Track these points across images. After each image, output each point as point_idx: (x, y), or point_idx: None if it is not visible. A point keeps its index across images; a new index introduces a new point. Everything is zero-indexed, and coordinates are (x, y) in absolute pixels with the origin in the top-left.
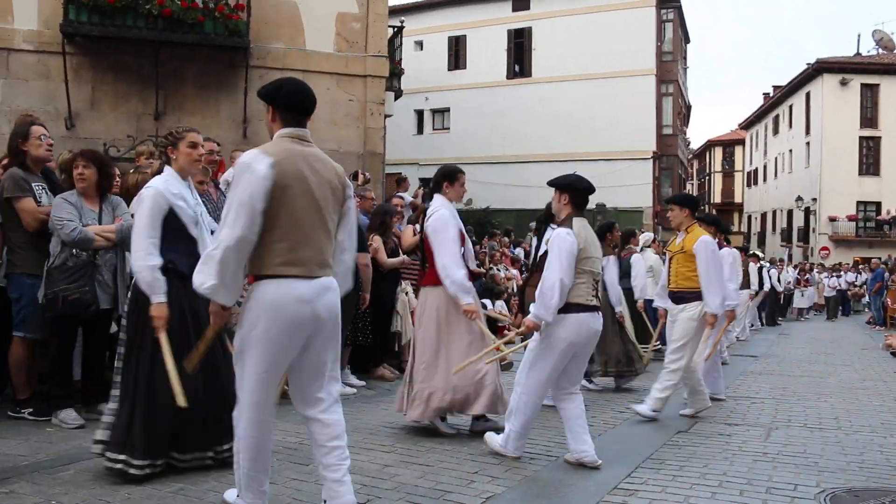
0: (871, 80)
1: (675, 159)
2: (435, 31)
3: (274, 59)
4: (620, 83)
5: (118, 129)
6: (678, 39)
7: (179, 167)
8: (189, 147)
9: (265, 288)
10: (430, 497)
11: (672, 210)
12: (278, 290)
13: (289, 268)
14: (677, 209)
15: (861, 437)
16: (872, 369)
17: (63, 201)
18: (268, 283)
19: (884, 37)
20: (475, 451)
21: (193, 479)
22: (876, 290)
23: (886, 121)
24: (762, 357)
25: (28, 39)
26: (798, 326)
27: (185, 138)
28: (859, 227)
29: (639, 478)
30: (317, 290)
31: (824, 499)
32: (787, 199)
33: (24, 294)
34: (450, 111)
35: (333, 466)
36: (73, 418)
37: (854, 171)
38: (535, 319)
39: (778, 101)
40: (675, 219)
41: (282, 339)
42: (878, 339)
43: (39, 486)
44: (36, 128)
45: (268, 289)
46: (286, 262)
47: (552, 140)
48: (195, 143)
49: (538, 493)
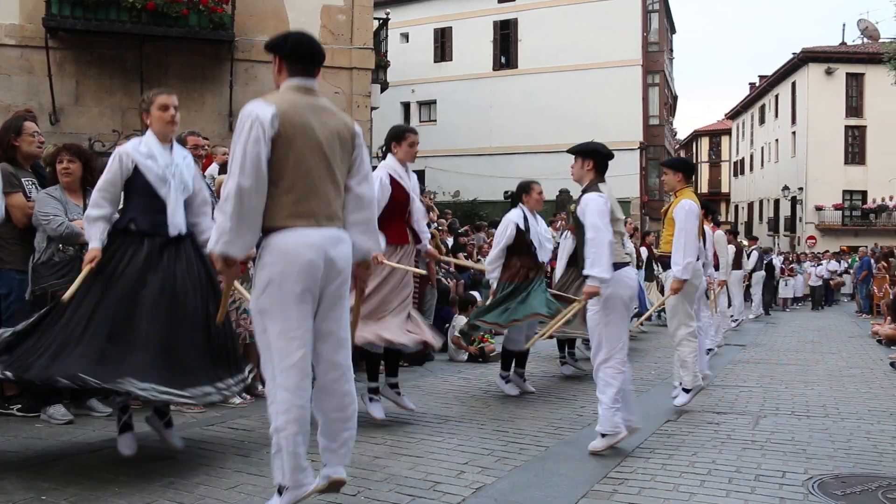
0: (856, 70)
1: (661, 150)
2: (420, 22)
3: (259, 52)
4: (607, 74)
5: (103, 124)
6: (664, 30)
7: (155, 131)
8: (159, 110)
9: (274, 239)
10: (421, 488)
11: (666, 174)
12: (288, 239)
13: (296, 219)
14: (670, 173)
15: (848, 424)
16: (859, 357)
17: (47, 196)
18: (277, 235)
19: (868, 26)
20: (465, 442)
21: (183, 473)
22: (862, 278)
23: (872, 110)
24: (750, 346)
25: (10, 34)
26: (785, 316)
27: (155, 101)
28: (845, 215)
29: (628, 467)
30: (327, 238)
31: (812, 485)
32: (774, 189)
33: (13, 290)
34: (436, 103)
35: (331, 435)
36: (61, 414)
37: (840, 160)
38: (595, 283)
39: (764, 90)
40: (668, 183)
41: (299, 288)
42: (865, 328)
43: (29, 482)
44: (28, 123)
45: (277, 239)
46: (293, 214)
47: (539, 131)
48: (165, 105)
49: (528, 484)
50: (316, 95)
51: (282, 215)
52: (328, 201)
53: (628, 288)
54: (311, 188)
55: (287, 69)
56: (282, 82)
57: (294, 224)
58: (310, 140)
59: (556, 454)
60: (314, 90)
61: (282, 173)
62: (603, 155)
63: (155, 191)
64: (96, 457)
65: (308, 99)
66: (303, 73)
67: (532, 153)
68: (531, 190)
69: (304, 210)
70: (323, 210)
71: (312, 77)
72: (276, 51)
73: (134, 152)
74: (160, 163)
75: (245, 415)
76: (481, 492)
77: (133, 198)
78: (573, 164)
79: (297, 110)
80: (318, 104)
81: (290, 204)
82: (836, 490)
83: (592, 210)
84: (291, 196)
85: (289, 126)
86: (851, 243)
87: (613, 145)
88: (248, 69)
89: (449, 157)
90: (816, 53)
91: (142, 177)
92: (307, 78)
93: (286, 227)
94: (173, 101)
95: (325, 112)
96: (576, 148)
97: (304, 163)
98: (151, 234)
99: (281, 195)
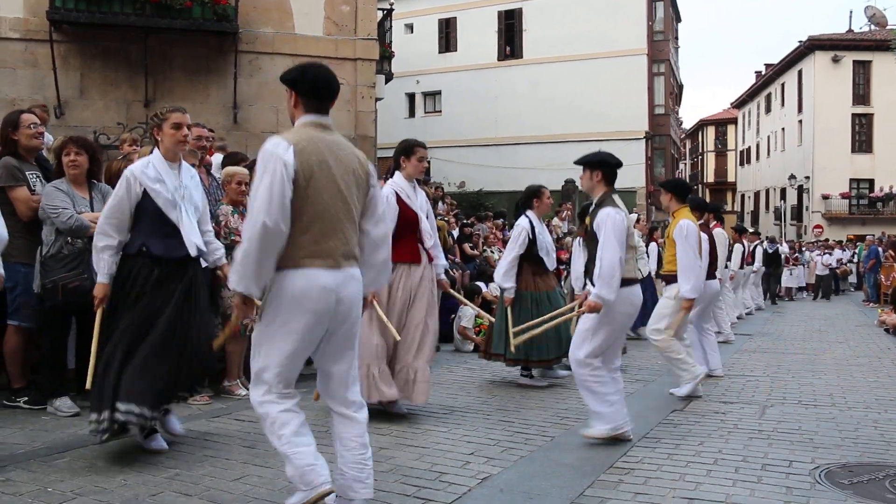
0: (863, 57)
1: (667, 139)
2: (425, 13)
3: (263, 44)
4: (612, 63)
5: (108, 117)
6: (669, 19)
7: (165, 149)
8: (172, 128)
9: (288, 279)
10: (426, 479)
11: (662, 195)
12: (301, 281)
13: (314, 259)
14: (664, 194)
15: (855, 413)
16: (866, 346)
17: (55, 189)
18: (291, 274)
19: (876, 13)
20: (471, 432)
21: (189, 465)
22: (870, 267)
23: (879, 97)
24: (757, 335)
25: (14, 27)
26: (792, 305)
27: (169, 119)
28: (852, 204)
29: (634, 456)
30: (341, 279)
31: (819, 475)
32: (780, 178)
33: (19, 283)
34: (441, 94)
35: (359, 465)
36: (68, 406)
37: (847, 149)
38: (598, 300)
39: (770, 79)
40: (662, 202)
41: (303, 330)
42: (872, 316)
43: (35, 474)
44: (26, 116)
45: (290, 279)
46: (311, 254)
47: (544, 122)
48: (179, 124)
49: (534, 474)
50: (332, 132)
51: (299, 255)
52: (346, 240)
53: (631, 306)
54: (329, 227)
55: (303, 105)
56: (297, 116)
57: (311, 265)
58: (328, 178)
59: (561, 444)
60: (330, 127)
61: (300, 212)
62: (611, 165)
63: (165, 215)
64: (102, 449)
65: (325, 136)
66: (318, 110)
67: (537, 143)
68: (542, 195)
69: (321, 250)
70: (340, 249)
71: (327, 113)
72: (293, 86)
73: (142, 176)
74: (169, 186)
75: (251, 406)
76: (487, 482)
77: (143, 221)
78: (582, 175)
79: (316, 147)
80: (335, 141)
81: (308, 243)
82: (843, 479)
83: (609, 229)
84: (309, 236)
85: (307, 164)
86: (858, 232)
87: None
88: (253, 61)
89: (454, 148)
90: (823, 41)
91: (151, 201)
92: (322, 115)
93: (300, 267)
94: (187, 119)
95: (341, 149)
96: (583, 159)
97: (324, 202)
98: (164, 257)
99: (299, 234)
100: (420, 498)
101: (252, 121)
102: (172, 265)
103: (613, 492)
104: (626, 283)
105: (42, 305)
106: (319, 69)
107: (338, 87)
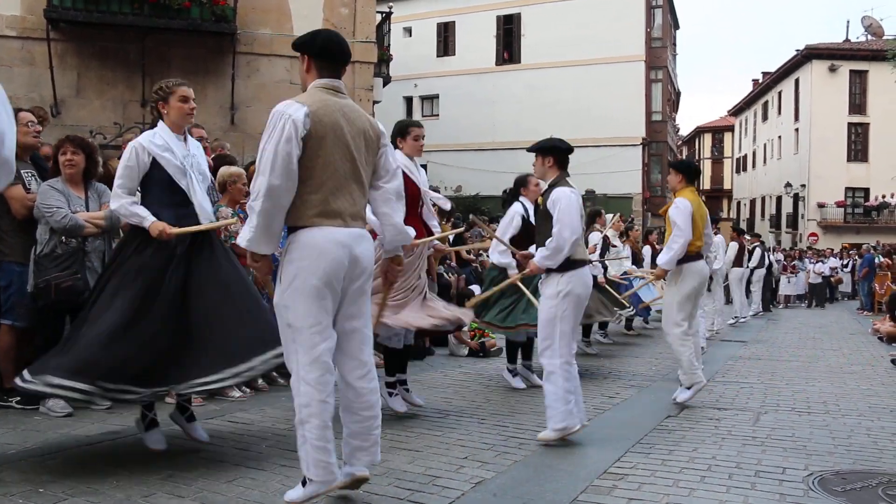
0: (859, 67)
1: (664, 146)
2: (423, 17)
3: (261, 45)
4: (609, 69)
5: (104, 116)
6: (667, 25)
7: (171, 122)
8: (180, 101)
9: (302, 236)
10: (420, 482)
11: (670, 174)
12: (315, 236)
13: (323, 218)
14: (672, 174)
15: (849, 421)
16: (860, 354)
17: (50, 188)
18: (305, 233)
19: (873, 23)
20: (465, 436)
21: (182, 466)
22: (864, 275)
23: (875, 107)
24: (751, 342)
25: (11, 25)
26: (786, 313)
27: (176, 92)
28: (848, 213)
29: (628, 462)
30: (353, 236)
31: (812, 482)
32: (776, 186)
33: (13, 282)
34: (439, 98)
35: (363, 435)
36: (60, 406)
37: (843, 158)
38: (540, 264)
39: (767, 87)
40: (670, 182)
41: (323, 283)
42: (866, 324)
43: (27, 474)
44: (23, 114)
45: (304, 236)
46: (321, 214)
47: (542, 126)
48: (186, 97)
49: (527, 479)
50: (344, 95)
51: (309, 214)
52: (353, 201)
53: (586, 286)
54: (338, 188)
55: (315, 68)
56: (310, 81)
57: (321, 223)
58: (339, 140)
59: (555, 449)
60: (342, 90)
61: (311, 172)
62: (562, 150)
63: (175, 183)
64: (95, 449)
65: (337, 99)
66: (331, 73)
67: None
68: (528, 182)
69: (331, 209)
70: (349, 209)
71: (339, 77)
72: (304, 49)
73: (150, 145)
74: (178, 154)
75: (244, 408)
76: (481, 486)
77: (153, 192)
78: (534, 163)
79: (328, 110)
80: (347, 104)
81: (317, 203)
82: (836, 486)
83: (564, 206)
84: (319, 195)
85: (320, 126)
86: (853, 241)
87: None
88: (251, 62)
89: (451, 152)
90: (820, 50)
91: (161, 170)
92: (335, 78)
93: (313, 226)
94: (192, 93)
95: (353, 112)
96: (535, 146)
97: (333, 163)
98: (176, 225)
99: (309, 194)
100: (413, 501)
101: (249, 122)
102: (186, 237)
103: (607, 497)
104: (579, 265)
105: (35, 305)
106: (330, 32)
107: (349, 50)
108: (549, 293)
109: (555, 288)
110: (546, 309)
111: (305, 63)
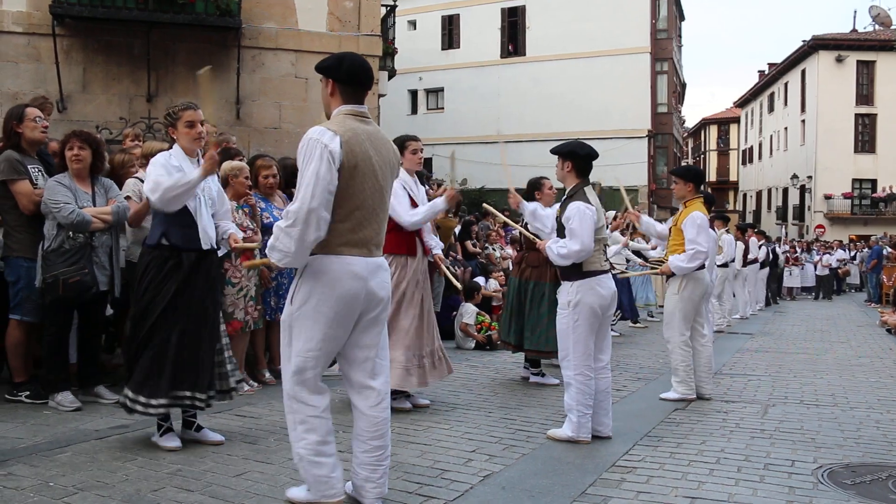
0: (867, 57)
1: (670, 138)
2: (428, 10)
3: (266, 40)
4: (615, 61)
5: (110, 112)
6: (672, 17)
7: (182, 146)
8: (186, 127)
9: (323, 264)
10: (429, 476)
11: (676, 183)
12: (334, 266)
13: (349, 248)
14: (681, 182)
15: (858, 413)
16: (868, 346)
17: (57, 184)
18: (325, 259)
19: (880, 13)
20: (473, 430)
21: (191, 460)
22: (872, 267)
23: (882, 97)
24: (758, 334)
25: (17, 21)
26: (793, 305)
27: (182, 118)
28: (855, 204)
29: (637, 455)
30: (372, 267)
31: (821, 475)
32: (783, 177)
33: (21, 277)
34: (444, 91)
35: (371, 466)
36: (69, 401)
37: (850, 149)
38: (546, 247)
39: (773, 78)
40: (678, 192)
41: (334, 314)
42: (874, 317)
43: (37, 469)
44: (31, 109)
45: (325, 265)
46: (347, 243)
47: (546, 119)
48: (192, 122)
49: (536, 472)
50: (370, 121)
51: (336, 242)
52: (379, 230)
53: (600, 297)
54: (366, 217)
55: (340, 94)
56: (334, 106)
57: (346, 252)
58: (369, 170)
59: (563, 442)
60: (367, 115)
61: (341, 202)
62: (581, 156)
63: (185, 206)
64: (104, 444)
65: (365, 127)
66: (356, 100)
67: (540, 141)
68: (543, 186)
69: (357, 239)
70: (374, 239)
71: (363, 102)
72: (330, 74)
73: (167, 165)
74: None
75: (252, 402)
76: (489, 479)
77: (161, 212)
78: (557, 164)
79: (359, 139)
80: (373, 132)
81: (345, 232)
82: (846, 479)
83: (577, 220)
84: (348, 224)
85: (352, 156)
86: (861, 232)
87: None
88: (255, 56)
89: (456, 145)
90: (827, 41)
91: None
92: (360, 104)
93: (337, 254)
94: (199, 116)
95: (379, 141)
96: (556, 149)
97: (364, 192)
98: (185, 248)
99: (338, 223)
100: (422, 495)
101: (254, 116)
102: (196, 255)
103: (616, 490)
104: (592, 275)
105: (43, 300)
106: (356, 57)
107: (373, 75)
108: (561, 303)
109: (565, 298)
110: (559, 319)
111: (330, 87)
